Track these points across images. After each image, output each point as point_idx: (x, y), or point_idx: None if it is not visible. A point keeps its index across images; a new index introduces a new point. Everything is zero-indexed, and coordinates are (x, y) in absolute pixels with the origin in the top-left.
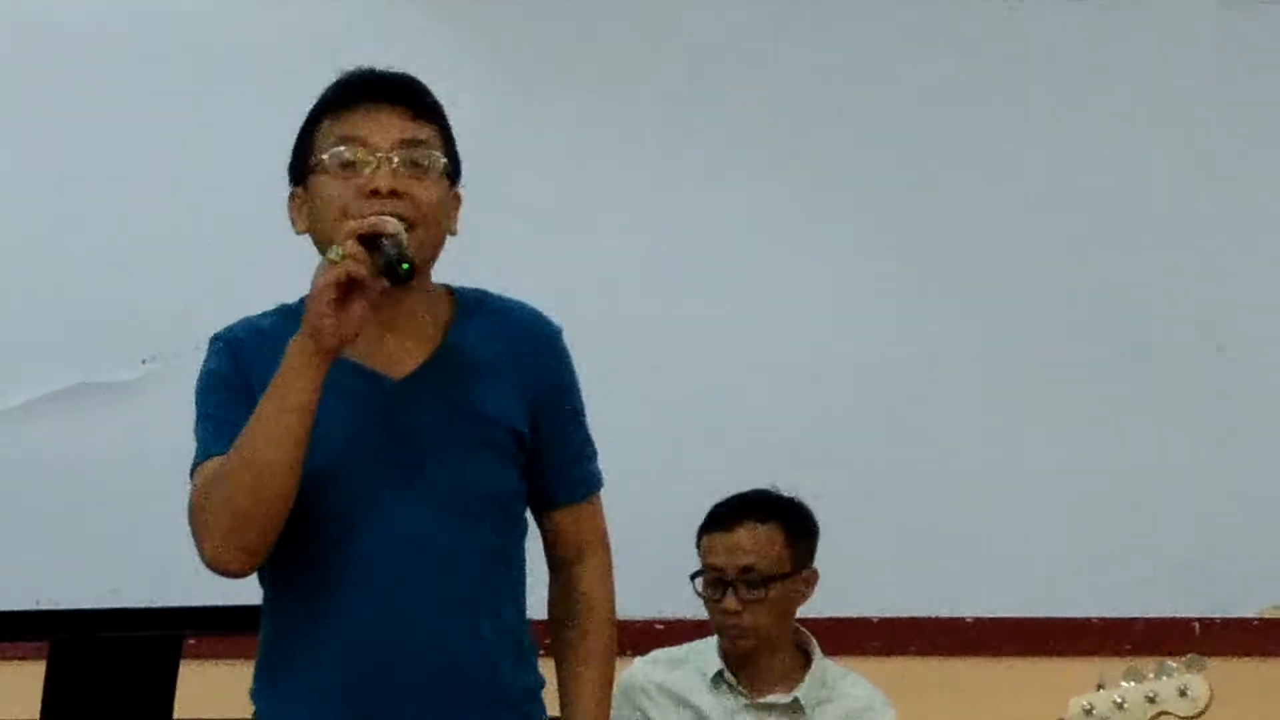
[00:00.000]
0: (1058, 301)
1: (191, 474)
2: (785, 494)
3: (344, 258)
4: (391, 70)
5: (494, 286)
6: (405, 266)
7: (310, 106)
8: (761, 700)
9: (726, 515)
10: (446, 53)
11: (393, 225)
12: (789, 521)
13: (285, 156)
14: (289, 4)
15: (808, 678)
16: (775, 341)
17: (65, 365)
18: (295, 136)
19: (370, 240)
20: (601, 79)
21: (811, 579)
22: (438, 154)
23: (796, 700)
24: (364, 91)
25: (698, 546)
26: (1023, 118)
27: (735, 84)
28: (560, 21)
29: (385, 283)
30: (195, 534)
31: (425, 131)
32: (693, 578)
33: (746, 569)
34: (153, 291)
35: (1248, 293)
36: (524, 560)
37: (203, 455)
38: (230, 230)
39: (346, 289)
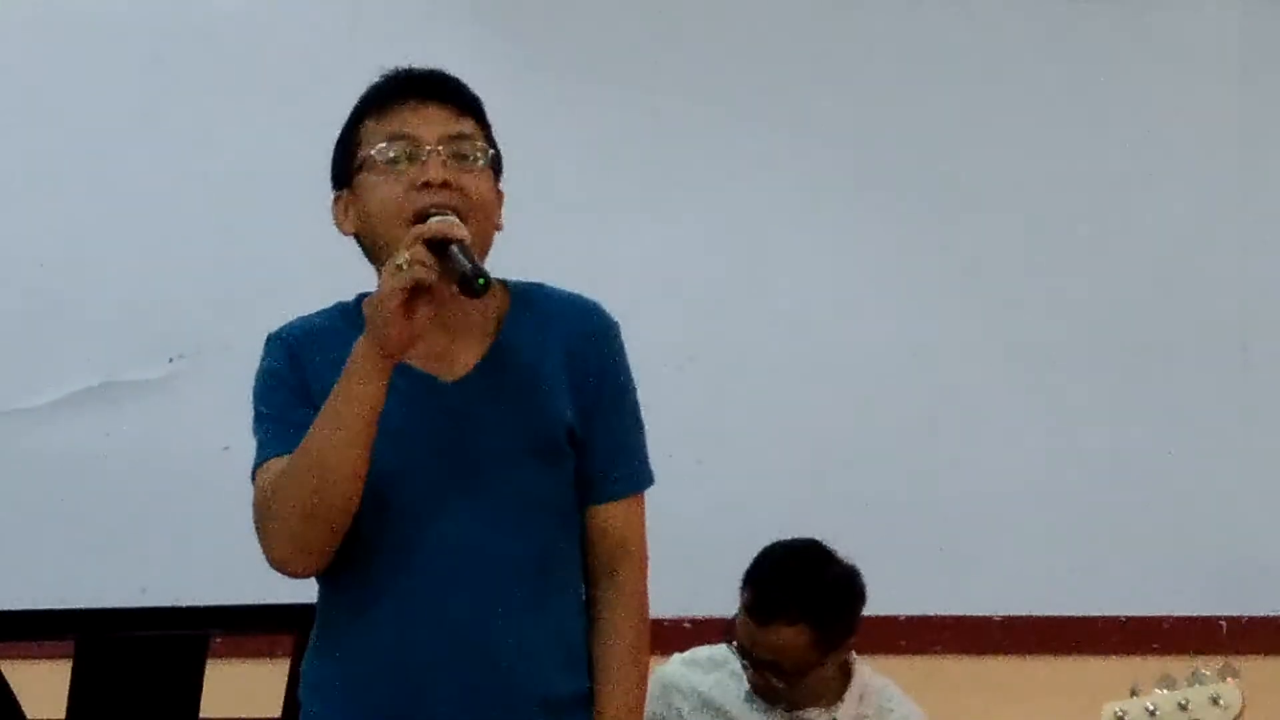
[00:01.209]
0: (1090, 302)
1: (253, 475)
2: (834, 562)
3: (410, 264)
4: (430, 67)
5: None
6: (482, 282)
7: (337, 104)
8: (800, 715)
9: (760, 606)
10: (469, 44)
11: (461, 229)
12: (820, 621)
13: (314, 154)
14: (313, 2)
15: (847, 697)
16: (806, 338)
17: (92, 363)
18: (335, 137)
19: (437, 245)
20: (634, 73)
21: (850, 645)
22: (484, 145)
23: None
24: (406, 89)
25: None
26: (1047, 117)
27: (772, 77)
28: (585, 12)
29: (454, 288)
30: (260, 536)
31: (469, 125)
32: (726, 631)
33: (774, 663)
34: (180, 289)
35: (1271, 291)
36: (580, 561)
37: (264, 456)
38: (258, 228)
39: (413, 294)
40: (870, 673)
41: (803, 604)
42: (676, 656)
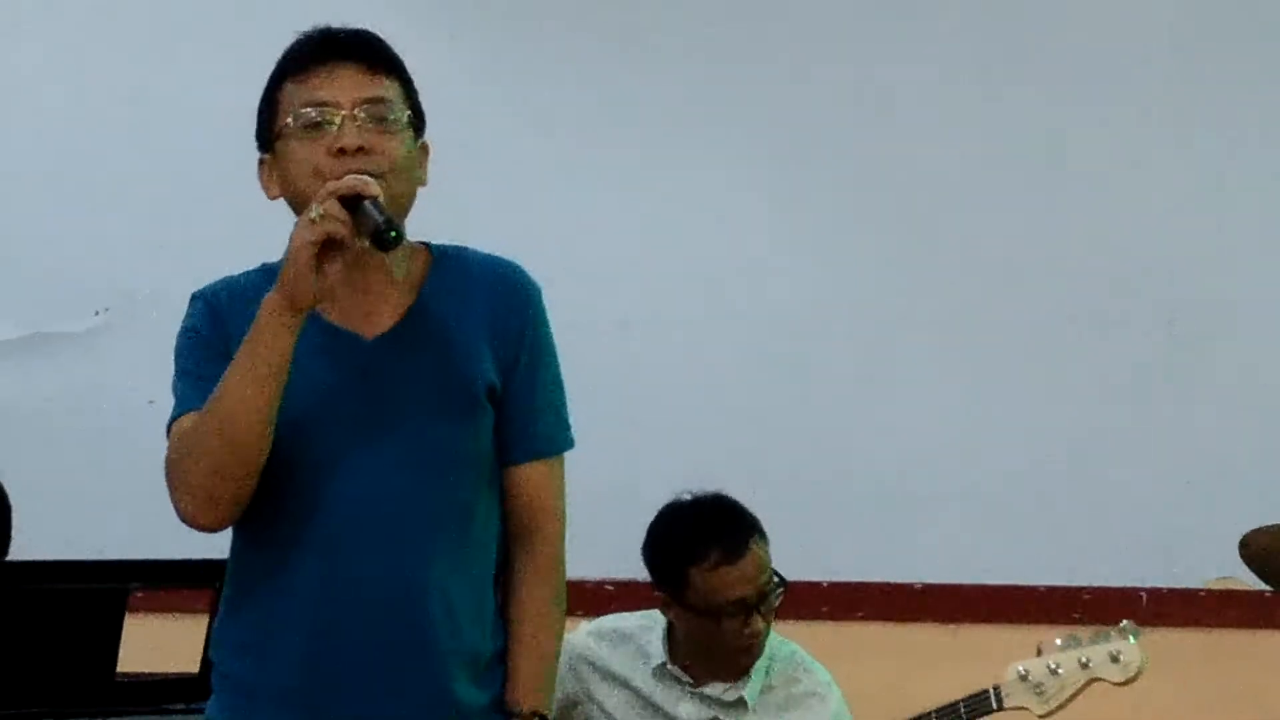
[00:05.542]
0: (1012, 275)
1: (168, 430)
2: (702, 493)
3: (323, 217)
4: (347, 27)
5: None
6: (394, 234)
7: (270, 54)
8: (705, 691)
9: (731, 544)
10: (405, 7)
11: (374, 186)
12: (760, 528)
13: (247, 104)
14: None
15: (753, 671)
16: (734, 304)
17: (18, 316)
18: (259, 99)
19: (350, 201)
20: (569, 39)
21: None
22: (400, 106)
23: (741, 698)
24: (321, 52)
25: (678, 581)
26: (980, 84)
27: (701, 43)
28: None
29: (366, 243)
30: (171, 490)
31: (385, 85)
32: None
33: (764, 589)
34: (105, 243)
35: (1199, 268)
36: (500, 521)
37: (179, 411)
38: (184, 182)
39: (325, 249)
40: (778, 641)
41: (749, 520)
42: (584, 627)
